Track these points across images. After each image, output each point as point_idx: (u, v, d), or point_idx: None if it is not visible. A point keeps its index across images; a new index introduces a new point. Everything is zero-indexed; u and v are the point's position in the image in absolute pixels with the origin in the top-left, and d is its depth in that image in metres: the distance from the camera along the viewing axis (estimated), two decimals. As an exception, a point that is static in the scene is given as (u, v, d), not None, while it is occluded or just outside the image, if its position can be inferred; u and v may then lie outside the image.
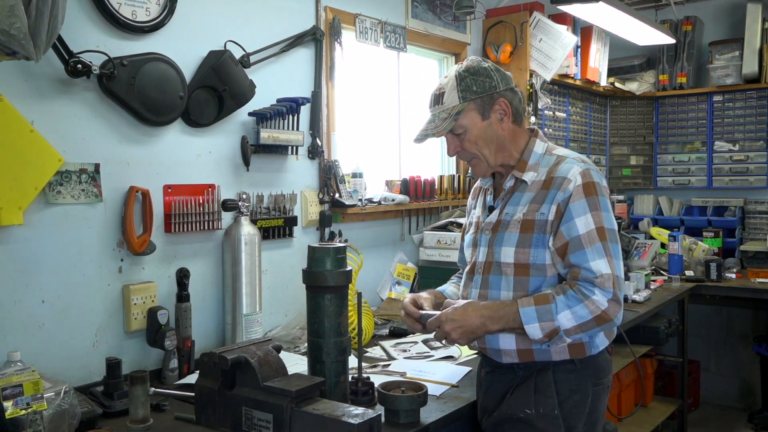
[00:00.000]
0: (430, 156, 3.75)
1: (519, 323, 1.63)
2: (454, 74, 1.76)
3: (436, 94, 1.79)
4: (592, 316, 1.60)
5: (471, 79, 1.73)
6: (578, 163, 1.72)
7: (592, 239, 1.63)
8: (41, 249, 1.94)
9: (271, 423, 1.52)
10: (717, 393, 4.74)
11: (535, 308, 1.62)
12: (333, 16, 2.87)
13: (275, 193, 2.64)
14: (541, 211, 1.69)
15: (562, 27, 3.78)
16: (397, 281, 3.23)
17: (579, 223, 1.64)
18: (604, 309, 1.60)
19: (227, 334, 2.38)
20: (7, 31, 1.53)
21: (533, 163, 1.77)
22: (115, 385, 1.86)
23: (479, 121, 1.74)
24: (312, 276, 1.75)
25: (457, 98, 1.73)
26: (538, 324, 1.61)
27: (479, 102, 1.73)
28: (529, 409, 1.70)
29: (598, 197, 1.67)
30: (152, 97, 2.14)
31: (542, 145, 1.80)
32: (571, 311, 1.60)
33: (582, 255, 1.63)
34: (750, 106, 4.50)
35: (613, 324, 1.65)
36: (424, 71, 3.68)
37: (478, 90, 1.73)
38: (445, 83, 1.76)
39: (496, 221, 1.78)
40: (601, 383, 1.78)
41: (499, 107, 1.75)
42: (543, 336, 1.62)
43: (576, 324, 1.61)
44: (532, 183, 1.75)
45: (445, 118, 1.73)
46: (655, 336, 3.68)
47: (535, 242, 1.69)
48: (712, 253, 4.21)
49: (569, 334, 1.62)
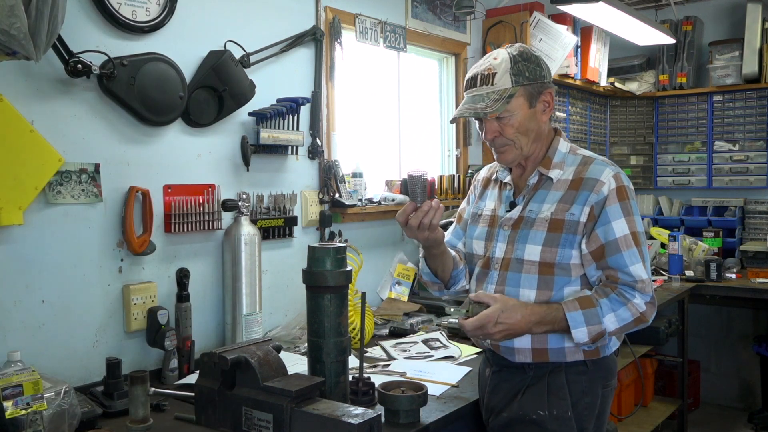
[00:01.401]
0: (430, 156, 3.75)
1: (565, 327, 1.64)
2: (507, 56, 1.71)
3: (484, 74, 1.71)
4: (632, 318, 1.64)
5: (524, 65, 1.70)
6: (609, 166, 1.72)
7: (629, 243, 1.65)
8: (41, 249, 1.94)
9: (271, 423, 1.52)
10: (717, 393, 4.74)
11: (582, 312, 1.62)
12: (333, 16, 2.87)
13: (275, 193, 2.64)
14: (572, 212, 1.68)
15: (562, 27, 3.78)
16: (397, 281, 3.23)
17: (616, 227, 1.65)
18: (643, 312, 1.64)
19: (227, 334, 2.38)
20: (7, 31, 1.53)
21: (558, 161, 1.76)
22: (115, 385, 1.86)
23: (526, 108, 1.71)
24: (312, 276, 1.75)
25: (510, 81, 1.68)
26: (585, 328, 1.62)
27: (529, 89, 1.70)
28: (542, 410, 1.69)
29: (629, 201, 1.69)
30: (152, 97, 2.14)
31: (566, 144, 1.80)
32: (615, 314, 1.63)
33: (620, 258, 1.65)
34: (750, 106, 4.50)
35: (647, 324, 1.68)
36: (424, 71, 3.68)
37: (530, 77, 1.70)
38: (497, 64, 1.70)
39: (518, 218, 1.76)
40: (609, 385, 1.79)
41: (544, 98, 1.74)
42: (588, 339, 1.64)
43: (619, 326, 1.64)
44: (558, 181, 1.73)
45: (497, 99, 1.68)
46: (655, 336, 3.67)
47: (563, 242, 1.68)
48: (712, 253, 4.20)
49: (611, 335, 1.67)
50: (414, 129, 3.57)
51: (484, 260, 1.82)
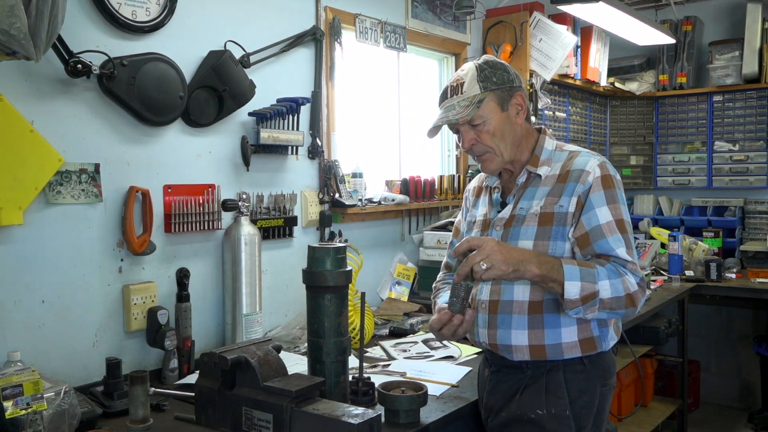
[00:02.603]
0: (430, 156, 3.75)
1: (560, 276, 1.58)
2: (473, 66, 1.76)
3: (453, 85, 1.77)
4: (624, 293, 1.60)
5: (490, 71, 1.74)
6: (594, 156, 1.74)
7: (612, 230, 1.65)
8: (41, 249, 1.94)
9: (271, 423, 1.52)
10: (717, 393, 4.73)
11: (579, 268, 1.60)
12: (333, 16, 2.87)
13: (275, 193, 2.64)
14: (560, 204, 1.70)
15: (562, 27, 3.78)
16: (397, 281, 3.23)
17: (600, 214, 1.66)
18: (634, 291, 1.61)
19: (227, 334, 2.38)
20: (7, 31, 1.53)
21: (545, 158, 1.78)
22: (115, 385, 1.86)
23: (498, 112, 1.74)
24: (312, 276, 1.75)
25: (478, 88, 1.72)
26: (579, 282, 1.58)
27: (499, 93, 1.73)
28: (540, 409, 1.69)
29: (615, 190, 1.70)
30: (152, 97, 2.14)
31: (552, 142, 1.82)
32: (610, 282, 1.60)
33: (605, 244, 1.65)
34: (750, 106, 4.50)
35: (635, 310, 1.66)
36: (424, 71, 3.68)
37: (497, 81, 1.73)
38: (464, 75, 1.75)
39: (509, 216, 1.77)
40: (608, 383, 1.78)
41: (516, 101, 1.76)
42: (579, 297, 1.58)
43: (611, 296, 1.59)
44: (546, 177, 1.75)
45: (467, 105, 1.71)
46: (655, 336, 3.68)
47: (554, 234, 1.69)
48: (712, 253, 4.20)
49: (602, 306, 1.60)
50: (414, 129, 3.57)
51: None
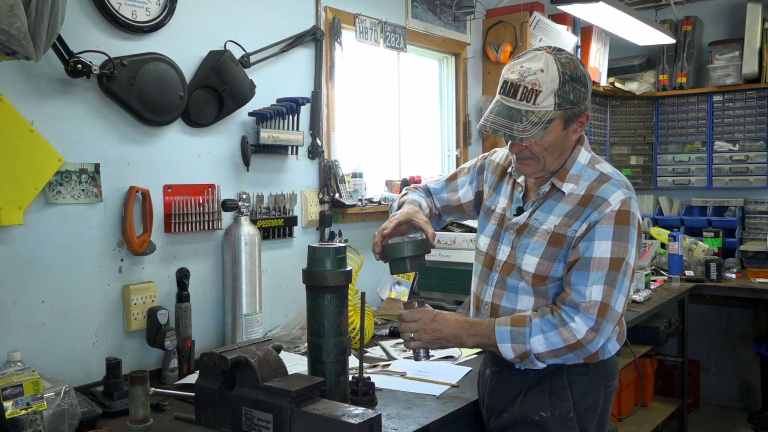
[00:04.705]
0: (430, 156, 3.75)
1: (494, 341, 1.64)
2: (557, 74, 1.58)
3: (527, 87, 1.58)
4: (564, 345, 1.59)
5: (570, 86, 1.59)
6: (622, 188, 1.65)
7: (602, 266, 1.59)
8: (41, 249, 1.94)
9: (271, 423, 1.52)
10: (717, 393, 4.73)
11: (510, 329, 1.62)
12: (333, 16, 2.87)
13: (275, 193, 2.64)
14: (574, 228, 1.64)
15: (562, 27, 3.78)
16: (397, 281, 3.23)
17: (598, 246, 1.59)
18: (580, 338, 1.58)
19: (227, 334, 2.38)
20: (7, 30, 1.53)
21: (575, 173, 1.69)
22: (115, 385, 1.86)
23: (560, 130, 1.63)
24: (312, 276, 1.75)
25: (553, 104, 1.58)
26: (510, 344, 1.62)
27: (569, 112, 1.62)
28: (544, 411, 1.69)
29: (629, 228, 1.62)
30: (152, 97, 2.14)
31: (586, 155, 1.73)
32: (544, 336, 1.59)
33: (583, 277, 1.60)
34: (750, 106, 4.50)
35: (587, 351, 1.61)
36: (424, 71, 3.68)
37: (574, 100, 1.60)
38: (544, 81, 1.57)
39: (523, 224, 1.73)
40: (611, 385, 1.78)
41: (580, 120, 1.66)
42: (515, 357, 1.63)
43: (548, 350, 1.60)
44: (569, 195, 1.67)
45: (536, 123, 1.58)
46: (655, 336, 3.68)
47: (561, 257, 1.66)
48: (712, 253, 4.20)
49: (541, 358, 1.62)
50: (414, 129, 3.57)
51: (489, 259, 1.81)
